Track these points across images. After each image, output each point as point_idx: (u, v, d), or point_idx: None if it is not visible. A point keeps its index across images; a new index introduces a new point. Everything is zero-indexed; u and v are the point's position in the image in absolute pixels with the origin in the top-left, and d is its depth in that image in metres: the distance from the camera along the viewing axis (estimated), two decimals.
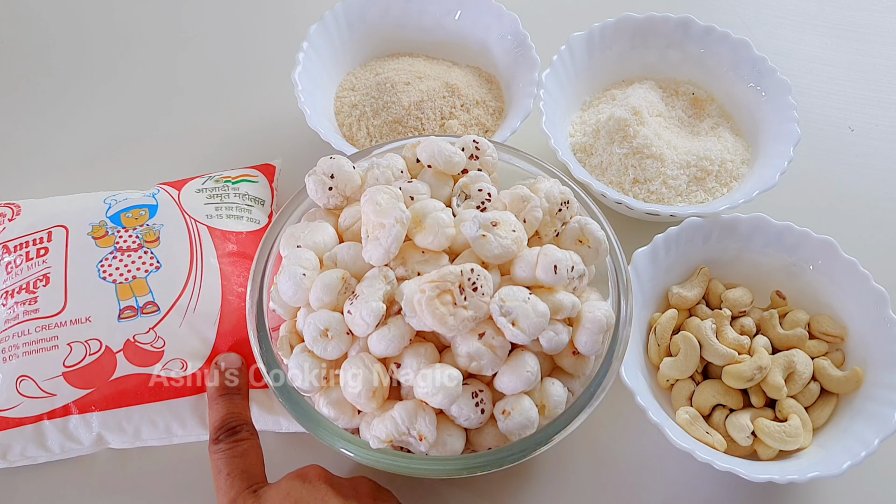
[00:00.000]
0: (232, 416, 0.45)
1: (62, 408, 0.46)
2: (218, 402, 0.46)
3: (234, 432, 0.45)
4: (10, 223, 0.52)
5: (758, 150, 0.62)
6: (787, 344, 0.53)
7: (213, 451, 0.44)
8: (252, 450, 0.44)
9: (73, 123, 0.67)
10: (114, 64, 0.72)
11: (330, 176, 0.45)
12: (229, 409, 0.46)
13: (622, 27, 0.64)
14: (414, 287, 0.40)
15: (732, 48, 0.63)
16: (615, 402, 0.46)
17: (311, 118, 0.58)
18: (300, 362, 0.42)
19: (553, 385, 0.42)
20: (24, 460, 0.47)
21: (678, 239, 0.54)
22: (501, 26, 0.65)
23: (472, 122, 0.63)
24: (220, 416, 0.45)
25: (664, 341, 0.53)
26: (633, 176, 0.59)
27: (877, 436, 0.46)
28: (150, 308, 0.48)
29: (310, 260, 0.43)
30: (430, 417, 0.40)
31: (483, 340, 0.40)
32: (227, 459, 0.43)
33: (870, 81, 0.73)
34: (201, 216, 0.53)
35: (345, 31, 0.65)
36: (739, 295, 0.54)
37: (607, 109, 0.62)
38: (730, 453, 0.49)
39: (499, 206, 0.45)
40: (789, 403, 0.50)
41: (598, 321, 0.42)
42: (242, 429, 0.45)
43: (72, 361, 0.46)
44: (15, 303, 0.48)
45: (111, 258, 0.49)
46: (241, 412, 0.46)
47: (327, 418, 0.42)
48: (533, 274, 0.42)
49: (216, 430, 0.45)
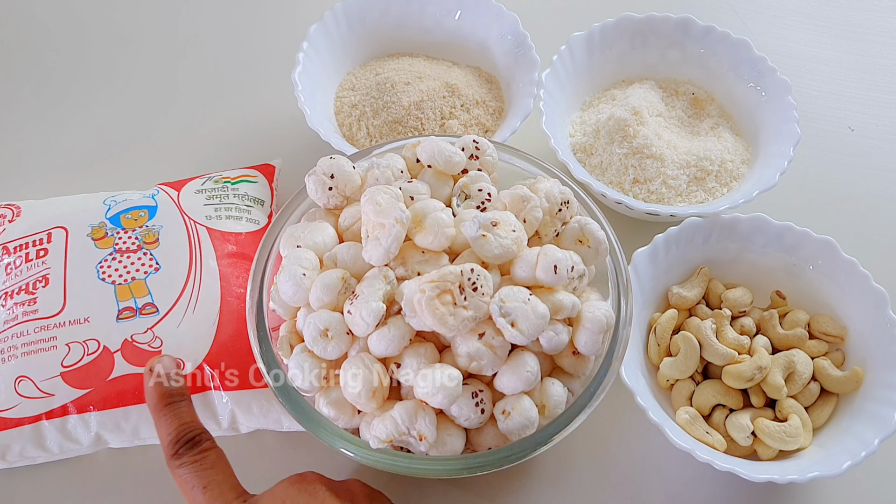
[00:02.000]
0: (186, 427, 0.42)
1: (60, 408, 0.46)
2: (164, 413, 0.42)
3: (195, 443, 0.41)
4: (11, 224, 0.52)
5: (758, 150, 0.62)
6: (787, 344, 0.53)
7: (177, 467, 0.41)
8: (220, 459, 0.41)
9: (73, 124, 0.67)
10: (114, 64, 0.72)
11: (330, 176, 0.45)
12: (180, 418, 0.42)
13: (622, 27, 0.64)
14: (414, 287, 0.40)
15: (732, 48, 0.63)
16: (615, 402, 0.46)
17: (311, 118, 0.58)
18: (300, 362, 0.42)
19: (553, 385, 0.42)
20: (23, 461, 0.47)
21: (678, 239, 0.54)
22: (501, 26, 0.64)
23: (472, 122, 0.63)
24: (174, 427, 0.41)
25: (664, 341, 0.52)
26: (633, 176, 0.59)
27: (877, 436, 0.46)
28: (148, 309, 0.48)
29: (310, 260, 0.43)
30: (430, 417, 0.40)
31: (483, 340, 0.40)
32: (198, 473, 0.40)
33: (870, 81, 0.73)
34: (201, 217, 0.53)
35: (345, 31, 0.65)
36: (739, 295, 0.54)
37: (607, 109, 0.62)
38: (730, 453, 0.49)
39: (499, 206, 0.45)
40: (789, 403, 0.50)
41: (598, 321, 0.42)
42: (202, 438, 0.42)
43: (70, 361, 0.46)
44: (14, 304, 0.48)
45: (110, 259, 0.49)
46: (193, 420, 0.42)
47: (327, 418, 0.42)
48: (533, 274, 0.41)
49: (173, 444, 0.41)
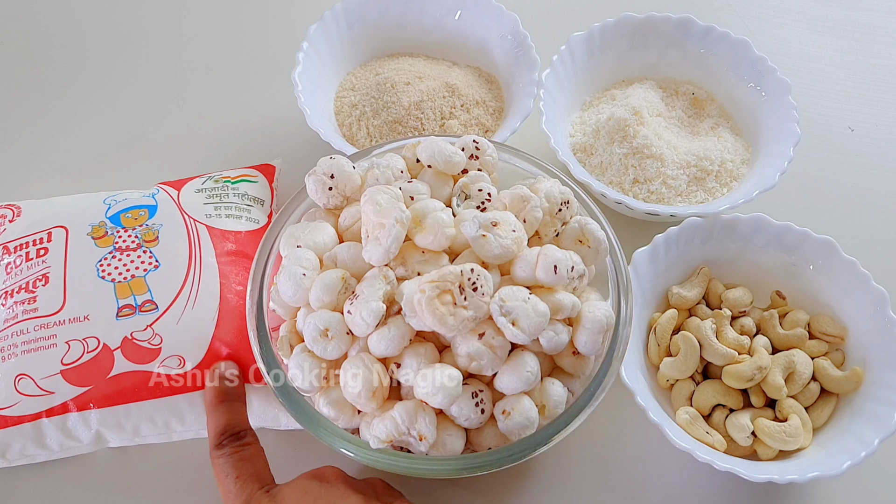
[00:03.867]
0: (234, 422, 0.45)
1: (60, 405, 0.46)
2: (218, 409, 0.45)
3: (237, 437, 0.44)
4: (11, 224, 0.52)
5: (758, 150, 0.62)
6: (787, 344, 0.53)
7: (217, 456, 0.43)
8: (258, 454, 0.44)
9: (73, 124, 0.67)
10: (114, 64, 0.72)
11: (330, 176, 0.45)
12: (231, 415, 0.45)
13: (622, 27, 0.64)
14: (414, 287, 0.40)
15: (732, 48, 0.63)
16: (615, 402, 0.46)
17: (311, 118, 0.58)
18: (300, 362, 0.42)
19: (553, 385, 0.42)
20: (23, 459, 0.47)
21: (678, 239, 0.54)
22: (501, 26, 0.64)
23: (472, 122, 0.63)
24: (223, 421, 0.45)
25: (664, 341, 0.52)
26: (633, 176, 0.59)
27: (877, 436, 0.46)
28: (148, 306, 0.48)
29: (310, 260, 0.43)
30: (430, 417, 0.40)
31: (483, 340, 0.40)
32: (234, 463, 0.43)
33: (870, 81, 0.73)
34: (200, 215, 0.53)
35: (345, 31, 0.65)
36: (739, 295, 0.54)
37: (607, 109, 0.62)
38: (730, 453, 0.49)
39: (499, 206, 0.45)
40: (789, 403, 0.50)
41: (598, 321, 0.42)
42: (246, 434, 0.44)
43: (70, 359, 0.46)
44: (14, 302, 0.48)
45: (110, 258, 0.49)
46: (243, 419, 0.45)
47: (327, 418, 0.42)
48: (533, 274, 0.41)
49: (219, 436, 0.44)
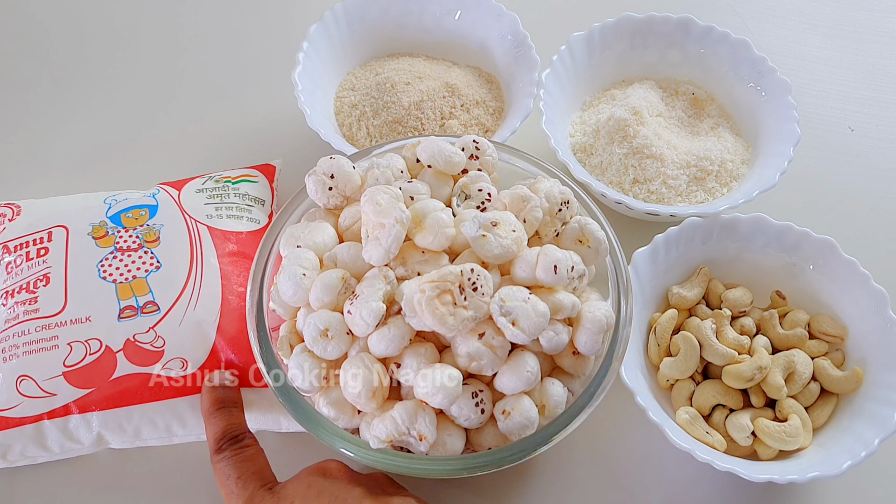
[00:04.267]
0: (232, 426, 0.45)
1: (62, 407, 0.46)
2: (215, 415, 0.45)
3: (237, 440, 0.44)
4: (11, 223, 0.52)
5: (758, 150, 0.62)
6: (787, 344, 0.53)
7: (218, 461, 0.43)
8: (259, 454, 0.44)
9: (73, 123, 0.67)
10: (113, 64, 0.72)
11: (330, 176, 0.45)
12: (229, 419, 0.45)
13: (622, 27, 0.64)
14: (414, 287, 0.40)
15: (732, 48, 0.63)
16: (615, 402, 0.46)
17: (311, 118, 0.58)
18: (300, 362, 0.42)
19: (553, 385, 0.42)
20: (23, 460, 0.47)
21: (678, 239, 0.54)
22: (501, 26, 0.64)
23: (472, 122, 0.63)
24: (221, 426, 0.45)
25: (664, 341, 0.53)
26: (633, 176, 0.59)
27: (877, 436, 0.46)
28: (150, 308, 0.48)
29: (310, 260, 0.43)
30: (430, 417, 0.40)
31: (483, 340, 0.40)
32: (235, 464, 0.43)
33: (870, 81, 0.73)
34: (201, 216, 0.53)
35: (345, 31, 0.65)
36: (739, 295, 0.54)
37: (607, 109, 0.62)
38: (730, 453, 0.49)
39: (499, 206, 0.45)
40: (789, 403, 0.50)
41: (598, 321, 0.42)
42: (245, 436, 0.45)
43: (72, 361, 0.46)
44: (15, 303, 0.48)
45: (111, 258, 0.49)
46: (241, 422, 0.45)
47: (327, 418, 0.42)
48: (533, 274, 0.42)
49: (218, 441, 0.44)
